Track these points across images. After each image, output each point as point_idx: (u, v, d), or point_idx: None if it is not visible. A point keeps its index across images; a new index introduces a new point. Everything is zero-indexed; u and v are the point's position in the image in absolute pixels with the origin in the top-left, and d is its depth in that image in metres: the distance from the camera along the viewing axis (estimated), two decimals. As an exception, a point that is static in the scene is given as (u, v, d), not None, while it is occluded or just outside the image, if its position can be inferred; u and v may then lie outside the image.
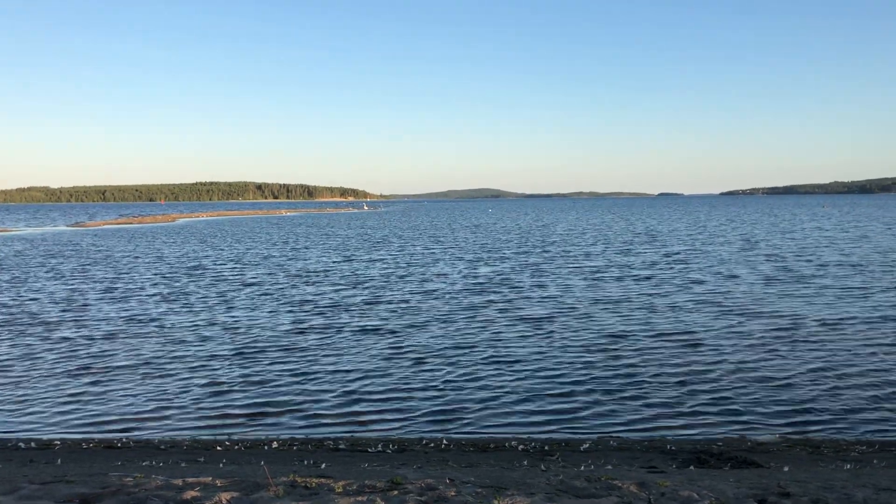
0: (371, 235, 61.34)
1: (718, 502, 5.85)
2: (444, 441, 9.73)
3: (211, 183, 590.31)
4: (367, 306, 21.05)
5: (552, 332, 16.81)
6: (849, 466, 8.18)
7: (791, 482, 6.76)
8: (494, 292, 23.67)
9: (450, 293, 23.70)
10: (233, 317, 19.56)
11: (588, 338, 16.05)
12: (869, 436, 9.78)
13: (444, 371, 13.32)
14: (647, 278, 26.97)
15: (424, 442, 9.74)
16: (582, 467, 8.02)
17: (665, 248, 42.41)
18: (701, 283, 25.37)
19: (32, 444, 9.87)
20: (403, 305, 21.16)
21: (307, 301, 22.34)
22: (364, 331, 17.25)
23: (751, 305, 20.07)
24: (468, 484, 6.43)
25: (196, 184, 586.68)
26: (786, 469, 7.93)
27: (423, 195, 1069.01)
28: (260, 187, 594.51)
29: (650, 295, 22.52)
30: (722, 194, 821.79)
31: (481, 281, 26.88)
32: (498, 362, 13.90)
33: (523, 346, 15.24)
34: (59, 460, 8.65)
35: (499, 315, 19.20)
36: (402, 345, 15.62)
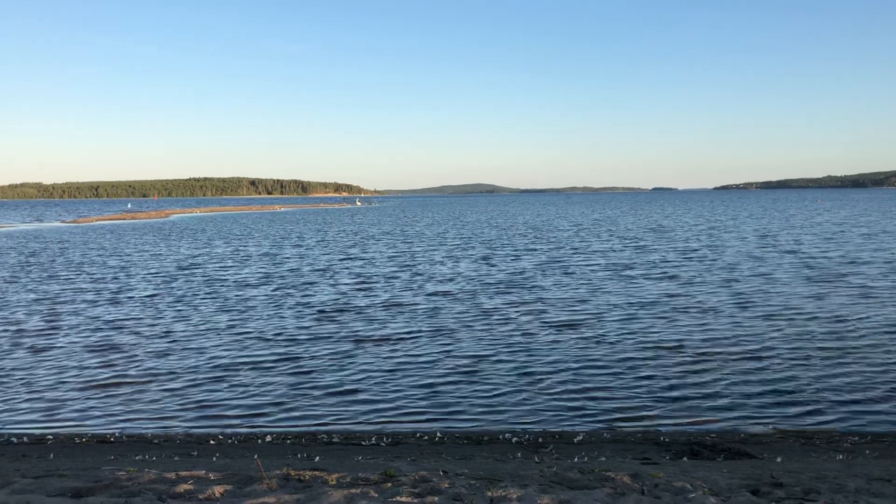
0: (372, 232, 60.16)
1: (711, 493, 5.87)
2: (438, 434, 9.73)
3: (204, 179, 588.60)
4: (364, 299, 21.03)
5: (547, 326, 16.82)
6: (841, 457, 8.22)
7: (784, 473, 6.78)
8: (498, 288, 23.66)
9: (448, 287, 23.70)
10: (226, 313, 19.52)
11: (581, 330, 16.08)
12: (861, 427, 9.82)
13: (438, 364, 13.32)
14: (663, 275, 26.98)
15: (418, 435, 9.74)
16: (575, 459, 8.03)
17: (682, 244, 40.95)
18: (731, 281, 25.32)
19: (25, 439, 9.83)
20: (403, 301, 21.15)
21: (306, 297, 22.30)
22: (359, 322, 17.23)
23: (750, 298, 20.12)
24: (462, 476, 6.43)
25: (189, 179, 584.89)
26: (779, 460, 7.95)
27: (417, 190, 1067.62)
28: (254, 183, 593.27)
29: (644, 288, 22.57)
30: (715, 189, 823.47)
31: (485, 275, 26.87)
32: (491, 355, 13.91)
33: (517, 340, 15.24)
34: (51, 455, 8.63)
35: (493, 309, 19.20)
36: (397, 338, 15.60)
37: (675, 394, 11.31)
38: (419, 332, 16.32)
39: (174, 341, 15.80)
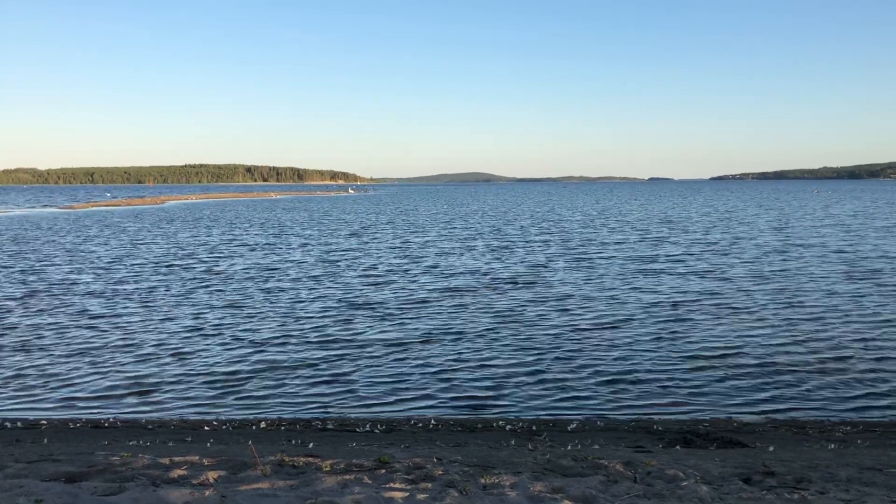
0: (373, 220, 58.83)
1: (704, 481, 5.89)
2: (433, 421, 9.75)
3: (200, 165, 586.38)
4: (368, 288, 21.02)
5: (542, 313, 16.85)
6: (833, 446, 8.26)
7: (776, 461, 6.81)
8: (513, 282, 23.65)
9: (461, 282, 23.68)
10: (224, 300, 19.50)
11: (576, 320, 16.10)
12: (853, 416, 9.88)
13: (433, 352, 13.34)
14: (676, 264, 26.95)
15: (412, 422, 9.76)
16: (569, 447, 8.06)
17: (699, 235, 39.54)
18: (748, 275, 25.30)
19: (19, 424, 9.82)
20: (402, 287, 21.15)
21: (313, 289, 22.30)
22: (358, 311, 17.23)
23: (744, 285, 20.17)
24: (455, 463, 6.45)
25: (185, 166, 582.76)
26: (771, 449, 7.99)
27: (413, 179, 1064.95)
28: (249, 170, 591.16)
29: (641, 279, 22.61)
30: (712, 179, 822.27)
31: (500, 268, 26.83)
32: (487, 344, 13.93)
33: (512, 328, 15.27)
34: (45, 440, 8.62)
35: (492, 297, 19.22)
36: (395, 327, 15.61)
37: (668, 383, 11.34)
38: (416, 317, 16.33)
39: (169, 328, 15.77)
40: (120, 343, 14.37)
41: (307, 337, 14.73)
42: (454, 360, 12.75)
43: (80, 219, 62.29)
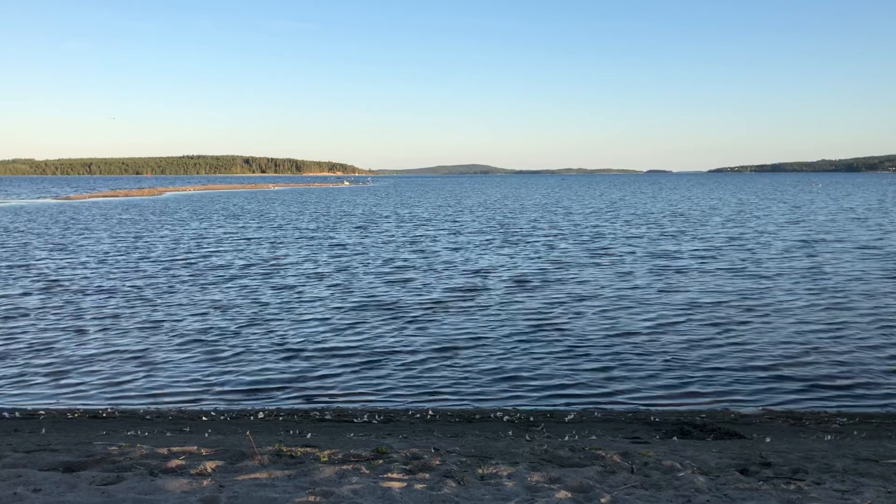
0: (377, 214, 57.49)
1: (700, 472, 5.92)
2: (430, 412, 9.77)
3: (198, 157, 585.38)
4: (362, 275, 21.02)
5: (541, 307, 16.86)
6: (829, 437, 8.29)
7: (772, 452, 6.83)
8: (531, 279, 23.63)
9: (474, 280, 23.67)
10: (222, 291, 19.49)
11: (575, 313, 16.12)
12: (850, 408, 9.90)
13: (432, 343, 13.35)
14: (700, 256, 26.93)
15: (410, 413, 9.78)
16: (566, 437, 8.08)
17: (720, 230, 38.29)
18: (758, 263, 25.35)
19: (17, 414, 9.82)
20: (406, 279, 21.16)
21: (306, 273, 22.29)
22: (356, 301, 17.23)
23: (748, 279, 20.20)
24: (453, 453, 6.47)
25: (183, 157, 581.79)
26: (768, 440, 8.01)
27: (412, 170, 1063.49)
28: (248, 161, 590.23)
29: (640, 271, 22.63)
30: (710, 172, 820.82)
31: (516, 265, 26.78)
32: (484, 335, 13.94)
33: (510, 320, 15.28)
34: (43, 430, 8.62)
35: (489, 289, 19.24)
36: (393, 316, 15.62)
37: (666, 374, 11.36)
38: (425, 317, 16.34)
39: (170, 318, 15.76)
40: (117, 334, 14.36)
41: (307, 330, 14.73)
42: (454, 353, 12.76)
43: (77, 210, 62.16)
